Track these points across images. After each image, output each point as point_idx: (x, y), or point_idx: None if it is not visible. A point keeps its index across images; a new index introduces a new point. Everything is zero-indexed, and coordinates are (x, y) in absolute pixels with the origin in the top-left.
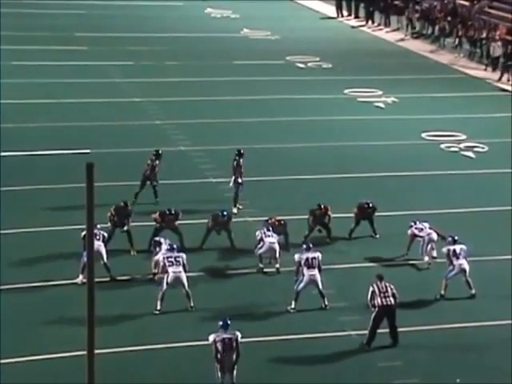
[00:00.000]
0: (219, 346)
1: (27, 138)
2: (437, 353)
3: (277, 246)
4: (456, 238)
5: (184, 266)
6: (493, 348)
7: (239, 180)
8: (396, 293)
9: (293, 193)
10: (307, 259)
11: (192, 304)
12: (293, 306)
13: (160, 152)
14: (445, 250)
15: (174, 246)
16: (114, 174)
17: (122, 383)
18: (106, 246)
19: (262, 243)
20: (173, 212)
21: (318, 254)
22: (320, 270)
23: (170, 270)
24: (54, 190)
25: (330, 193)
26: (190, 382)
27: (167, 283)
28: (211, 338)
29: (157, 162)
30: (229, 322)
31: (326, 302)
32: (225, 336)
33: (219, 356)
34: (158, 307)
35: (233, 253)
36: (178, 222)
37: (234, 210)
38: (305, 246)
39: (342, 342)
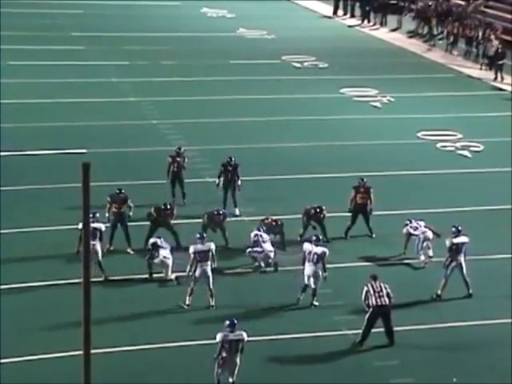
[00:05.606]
0: (226, 346)
1: (24, 138)
2: (433, 352)
3: (272, 255)
4: (460, 227)
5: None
6: (490, 348)
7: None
8: (390, 292)
9: (289, 192)
10: (310, 253)
11: (188, 303)
12: (299, 295)
13: (182, 150)
14: (448, 242)
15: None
16: (111, 173)
17: (121, 383)
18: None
19: (259, 248)
20: (168, 207)
21: (322, 250)
22: (324, 266)
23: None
24: (54, 190)
25: (326, 192)
26: (189, 381)
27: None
28: (218, 337)
29: (177, 159)
30: (235, 321)
31: (315, 302)
32: (232, 338)
33: (223, 356)
34: (187, 302)
35: (228, 252)
36: (173, 222)
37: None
38: (314, 238)
39: (339, 342)
